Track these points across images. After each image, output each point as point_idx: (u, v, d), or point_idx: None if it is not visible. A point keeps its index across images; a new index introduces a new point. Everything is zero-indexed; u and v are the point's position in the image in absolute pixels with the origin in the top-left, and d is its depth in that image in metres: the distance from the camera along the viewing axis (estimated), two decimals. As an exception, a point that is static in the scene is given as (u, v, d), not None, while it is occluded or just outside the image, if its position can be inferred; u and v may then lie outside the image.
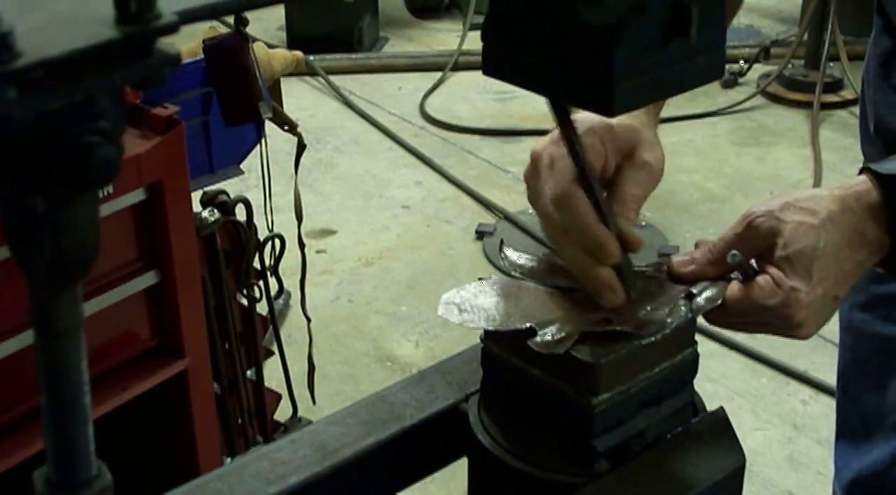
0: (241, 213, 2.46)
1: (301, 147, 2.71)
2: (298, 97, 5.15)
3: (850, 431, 1.59)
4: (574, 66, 0.77)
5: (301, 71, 4.73)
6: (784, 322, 0.98)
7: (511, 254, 1.05)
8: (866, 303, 1.49)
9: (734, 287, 0.99)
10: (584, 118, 0.98)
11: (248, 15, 2.35)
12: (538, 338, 0.92)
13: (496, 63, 0.82)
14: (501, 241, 1.11)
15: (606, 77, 0.75)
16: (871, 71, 1.47)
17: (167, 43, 0.53)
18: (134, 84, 0.53)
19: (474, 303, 0.98)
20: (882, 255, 1.03)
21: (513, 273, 1.04)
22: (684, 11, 0.75)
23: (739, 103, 5.13)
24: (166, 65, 0.53)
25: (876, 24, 1.45)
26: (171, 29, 0.52)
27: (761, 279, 0.98)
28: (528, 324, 0.94)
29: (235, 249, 2.47)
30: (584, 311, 0.97)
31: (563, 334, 0.92)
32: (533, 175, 1.01)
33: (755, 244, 0.99)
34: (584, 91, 0.78)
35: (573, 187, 0.96)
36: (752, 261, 1.01)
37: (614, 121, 1.00)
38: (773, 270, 0.98)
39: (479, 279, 1.01)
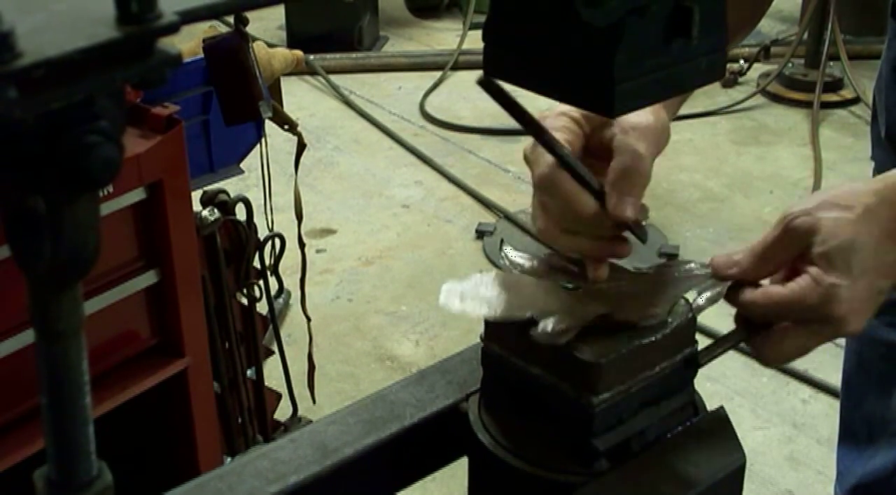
0: (241, 213, 2.46)
1: (301, 146, 2.71)
2: (298, 96, 5.15)
3: (854, 436, 1.59)
4: (575, 66, 0.77)
5: (301, 70, 4.73)
6: (827, 319, 0.96)
7: (511, 253, 1.05)
8: None
9: (774, 288, 0.98)
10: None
11: (248, 14, 2.35)
12: (539, 329, 0.92)
13: (497, 63, 0.82)
14: (501, 241, 1.12)
15: (607, 78, 0.75)
16: (883, 75, 1.47)
17: (168, 43, 0.53)
18: (134, 84, 0.53)
19: (476, 294, 0.97)
20: None
21: (513, 272, 1.04)
22: (686, 12, 0.75)
23: (739, 102, 5.13)
24: (167, 65, 0.53)
25: (890, 29, 1.45)
26: (172, 29, 0.52)
27: (801, 278, 0.96)
28: (528, 314, 0.93)
29: (235, 249, 2.47)
30: (585, 305, 0.97)
31: (563, 325, 0.92)
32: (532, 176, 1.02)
33: (794, 245, 0.98)
34: (586, 92, 0.78)
35: (555, 171, 0.97)
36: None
37: None
38: (812, 269, 0.96)
39: (480, 271, 1.01)
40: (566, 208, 0.98)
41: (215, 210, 2.34)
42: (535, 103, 0.82)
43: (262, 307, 2.64)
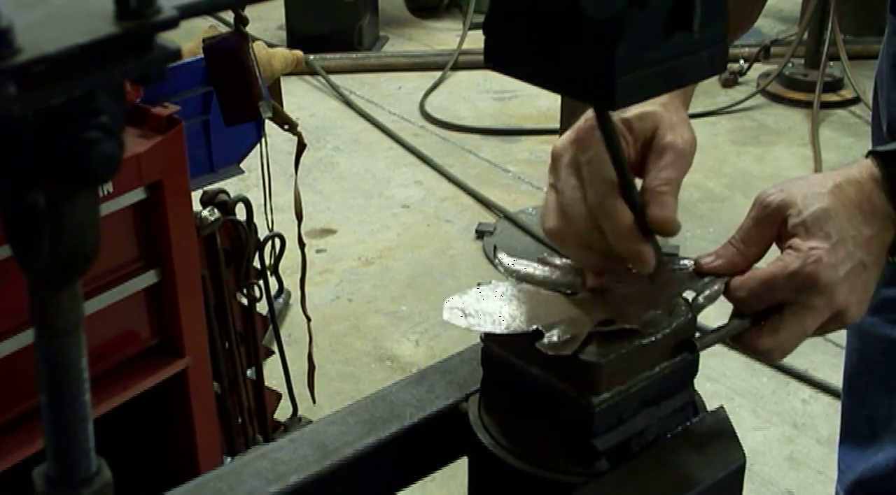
0: (241, 213, 2.46)
1: (301, 146, 2.71)
2: (298, 96, 5.15)
3: (856, 434, 1.58)
4: (576, 58, 0.77)
5: (301, 70, 4.73)
6: (813, 286, 0.96)
7: (506, 259, 1.05)
8: (875, 305, 1.48)
9: (758, 269, 0.99)
10: (592, 114, 0.96)
11: (249, 14, 2.35)
12: (545, 340, 0.92)
13: (498, 55, 0.82)
14: (495, 247, 1.11)
15: (608, 70, 0.75)
16: (884, 71, 1.46)
17: (167, 38, 0.53)
18: (134, 79, 0.53)
19: (478, 308, 0.98)
20: (894, 233, 1.03)
21: (508, 278, 1.04)
22: (687, 4, 0.75)
23: (739, 102, 5.13)
24: (166, 60, 0.52)
25: (890, 24, 1.45)
26: (171, 24, 0.52)
27: (783, 254, 0.98)
28: (534, 327, 0.93)
29: (235, 249, 2.47)
30: (588, 313, 0.97)
31: (569, 335, 0.92)
32: (554, 175, 1.00)
33: (771, 221, 1.00)
34: (586, 84, 0.77)
35: (615, 198, 0.94)
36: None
37: (626, 111, 0.99)
38: (791, 241, 0.98)
39: (478, 285, 1.01)
40: (608, 231, 0.96)
41: (215, 210, 2.34)
42: (535, 102, 0.82)
43: (262, 307, 2.64)
